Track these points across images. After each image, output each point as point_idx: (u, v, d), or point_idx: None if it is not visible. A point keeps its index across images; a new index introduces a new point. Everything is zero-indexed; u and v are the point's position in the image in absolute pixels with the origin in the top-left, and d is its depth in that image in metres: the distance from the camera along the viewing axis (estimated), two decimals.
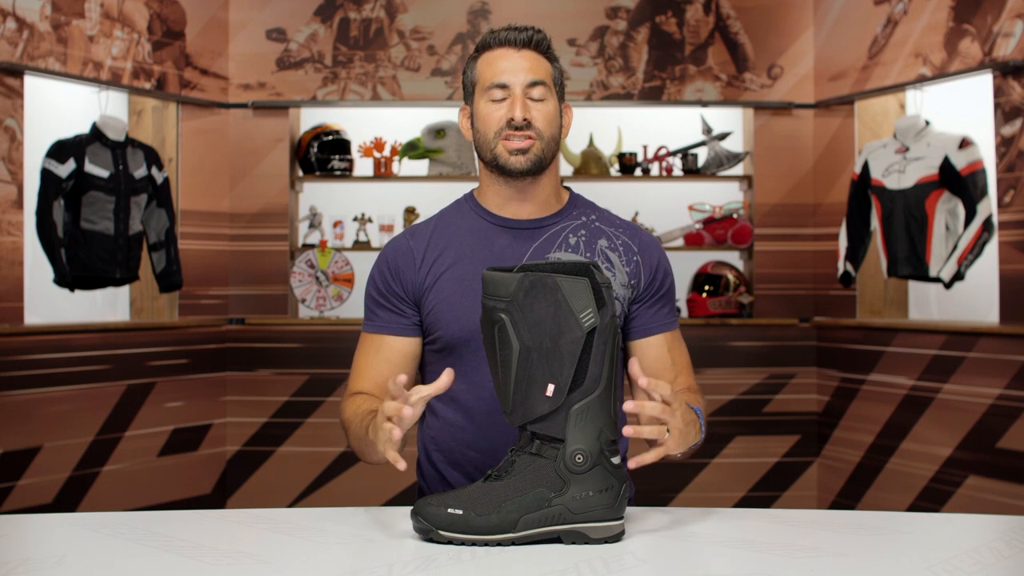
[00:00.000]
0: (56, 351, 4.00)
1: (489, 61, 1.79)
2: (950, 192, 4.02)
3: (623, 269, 1.82)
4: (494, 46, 1.79)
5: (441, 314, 1.78)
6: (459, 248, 1.81)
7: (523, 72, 1.76)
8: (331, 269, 4.63)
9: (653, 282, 1.84)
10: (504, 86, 1.76)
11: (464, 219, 1.85)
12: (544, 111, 1.77)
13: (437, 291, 1.79)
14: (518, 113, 1.74)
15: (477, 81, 1.80)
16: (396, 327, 1.82)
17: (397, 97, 4.74)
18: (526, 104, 1.75)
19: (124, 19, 4.29)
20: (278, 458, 4.59)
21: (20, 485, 3.86)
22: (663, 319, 1.85)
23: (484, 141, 1.79)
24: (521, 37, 1.77)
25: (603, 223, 1.86)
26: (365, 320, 1.86)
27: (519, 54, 1.77)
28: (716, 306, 4.63)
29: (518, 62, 1.77)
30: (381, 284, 1.83)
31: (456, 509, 1.41)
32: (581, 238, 1.82)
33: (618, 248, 1.83)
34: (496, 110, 1.77)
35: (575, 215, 1.85)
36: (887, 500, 4.22)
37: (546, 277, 1.42)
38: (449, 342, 1.78)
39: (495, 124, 1.77)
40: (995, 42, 3.87)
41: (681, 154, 4.77)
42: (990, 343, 3.84)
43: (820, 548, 1.42)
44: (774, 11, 4.78)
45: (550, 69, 1.79)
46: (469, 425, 1.80)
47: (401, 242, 1.85)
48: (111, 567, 1.34)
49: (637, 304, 1.84)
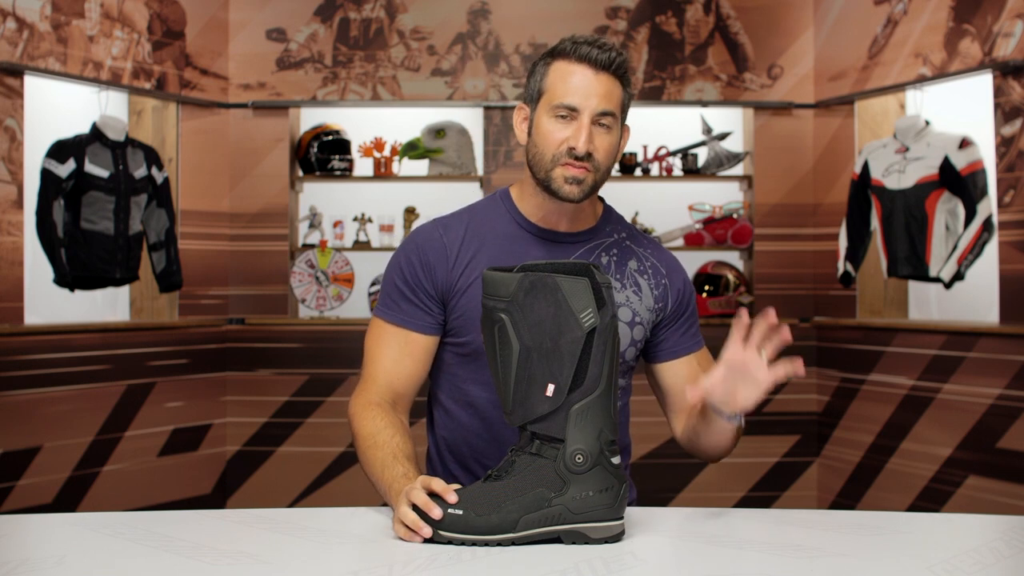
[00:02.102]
0: (56, 351, 4.00)
1: (563, 74, 1.68)
2: (950, 192, 4.02)
3: (651, 293, 1.79)
4: (573, 59, 1.68)
5: (473, 321, 1.72)
6: (493, 252, 1.75)
7: (596, 98, 1.66)
8: (331, 269, 4.63)
9: (680, 305, 1.83)
10: (574, 109, 1.66)
11: (499, 220, 1.79)
12: (607, 143, 1.69)
13: (469, 297, 1.73)
14: (582, 145, 1.66)
15: (545, 91, 1.70)
16: (422, 324, 1.75)
17: (397, 97, 4.74)
18: (591, 134, 1.67)
19: (124, 19, 4.29)
20: (278, 458, 4.59)
21: (20, 485, 3.86)
22: (690, 340, 1.84)
23: (540, 159, 1.71)
24: (603, 58, 1.66)
25: (633, 242, 1.83)
26: (384, 306, 1.77)
27: (596, 77, 1.66)
28: (716, 306, 4.63)
29: (593, 85, 1.66)
30: (410, 276, 1.75)
31: (456, 509, 1.41)
32: (613, 257, 1.79)
33: (647, 271, 1.81)
34: (560, 130, 1.68)
35: (608, 231, 1.81)
36: (887, 500, 4.22)
37: (546, 277, 1.42)
38: (477, 348, 1.74)
39: (555, 146, 1.68)
40: (995, 42, 3.87)
41: (681, 154, 4.77)
42: (990, 343, 3.84)
43: (820, 548, 1.42)
44: (774, 11, 4.78)
45: (622, 96, 1.70)
46: (484, 431, 1.78)
47: (434, 235, 1.77)
48: (111, 567, 1.34)
49: (664, 328, 1.82)
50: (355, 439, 1.69)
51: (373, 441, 1.63)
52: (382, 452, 1.61)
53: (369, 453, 1.63)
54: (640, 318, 1.78)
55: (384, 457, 1.60)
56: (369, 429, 1.66)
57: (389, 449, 1.61)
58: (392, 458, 1.59)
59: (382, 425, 1.65)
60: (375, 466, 1.61)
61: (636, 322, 1.78)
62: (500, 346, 1.43)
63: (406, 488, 1.46)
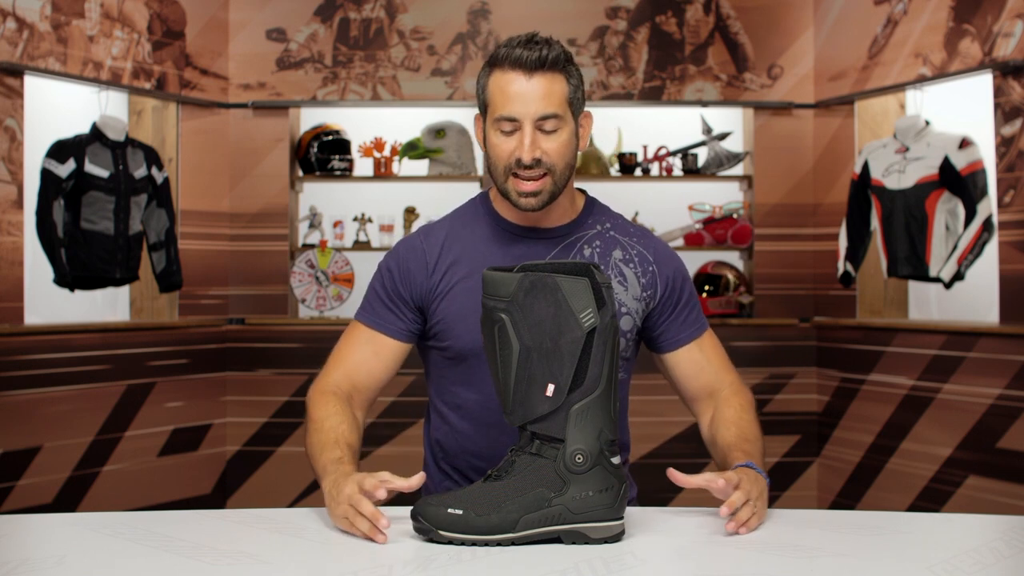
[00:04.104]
0: (56, 351, 4.00)
1: (500, 85, 1.67)
2: (950, 192, 4.02)
3: (638, 281, 1.78)
4: (506, 67, 1.66)
5: (453, 324, 1.75)
6: (473, 257, 1.76)
7: (534, 103, 1.64)
8: (331, 269, 4.63)
9: (672, 293, 1.81)
10: (514, 119, 1.66)
11: (478, 223, 1.80)
12: (556, 143, 1.67)
13: (449, 301, 1.75)
14: (526, 154, 1.65)
15: (489, 103, 1.70)
16: (393, 329, 1.79)
17: (397, 97, 4.74)
18: (536, 140, 1.66)
19: (124, 19, 4.29)
20: (278, 458, 4.59)
21: (20, 485, 3.86)
22: (690, 326, 1.82)
23: (495, 171, 1.72)
24: (533, 58, 1.64)
25: (617, 232, 1.82)
26: (362, 310, 1.82)
27: (529, 82, 1.65)
28: (716, 306, 4.63)
29: (529, 92, 1.64)
30: (389, 284, 1.79)
31: (456, 509, 1.41)
32: (596, 249, 1.79)
33: (633, 259, 1.80)
34: (505, 143, 1.68)
35: (590, 223, 1.81)
36: (887, 500, 4.22)
37: (546, 277, 1.42)
38: (460, 352, 1.76)
39: (504, 159, 1.68)
40: (995, 42, 3.87)
41: (681, 154, 4.77)
42: (990, 343, 3.84)
43: (820, 548, 1.42)
44: (774, 11, 4.78)
45: (565, 91, 1.67)
46: (475, 434, 1.79)
47: (415, 243, 1.80)
48: (111, 567, 1.34)
49: (660, 317, 1.81)
50: (306, 422, 1.74)
51: (320, 426, 1.69)
52: (324, 436, 1.66)
53: (313, 437, 1.69)
54: (627, 308, 1.78)
55: (324, 441, 1.65)
56: (320, 414, 1.71)
57: (332, 435, 1.66)
58: (333, 443, 1.64)
59: (332, 411, 1.70)
60: (315, 448, 1.67)
61: (623, 312, 1.77)
62: (500, 346, 1.43)
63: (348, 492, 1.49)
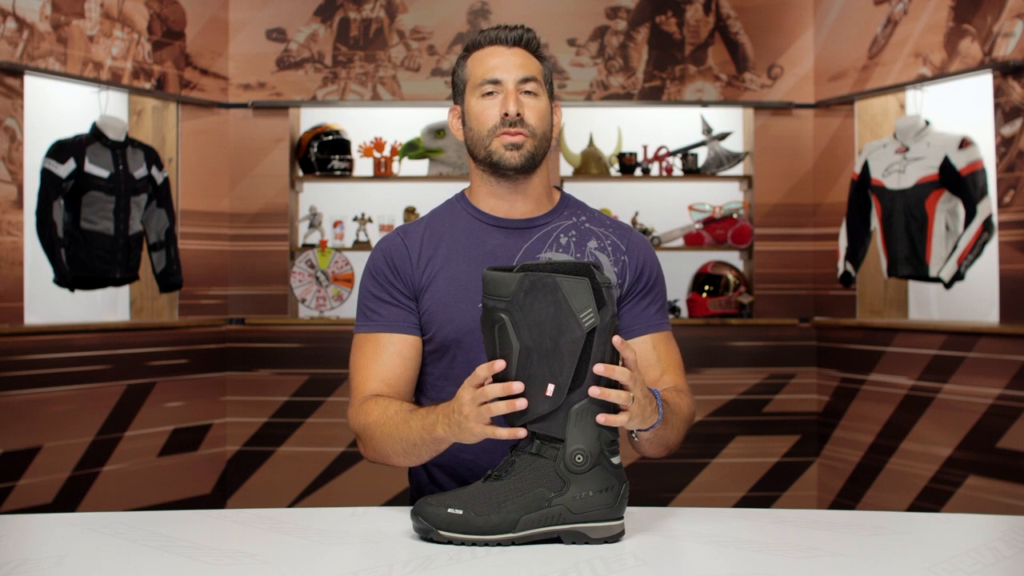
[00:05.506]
0: (56, 351, 4.00)
1: (480, 59, 1.79)
2: (950, 192, 4.02)
3: (611, 270, 1.81)
4: (484, 44, 1.80)
5: (436, 315, 1.76)
6: (452, 247, 1.79)
7: (515, 68, 1.77)
8: (331, 269, 4.63)
9: (639, 280, 1.82)
10: (497, 81, 1.76)
11: (456, 218, 1.83)
12: (537, 107, 1.77)
13: (432, 292, 1.77)
14: (512, 108, 1.74)
15: (468, 79, 1.80)
16: (404, 324, 1.77)
17: (397, 97, 4.74)
18: (519, 99, 1.76)
19: (124, 19, 4.29)
20: (278, 458, 4.59)
21: (20, 485, 3.86)
22: (648, 320, 1.80)
23: (478, 139, 1.78)
24: (512, 35, 1.79)
25: (593, 223, 1.85)
26: (362, 321, 1.79)
27: (510, 51, 1.78)
28: (716, 306, 4.63)
29: (510, 59, 1.78)
30: (383, 281, 1.79)
31: (456, 509, 1.41)
32: (572, 238, 1.81)
33: (607, 248, 1.82)
34: (490, 106, 1.76)
35: (566, 215, 1.84)
36: (887, 500, 4.22)
37: (546, 277, 1.42)
38: (443, 343, 1.76)
39: (489, 120, 1.76)
40: (995, 42, 3.87)
41: (681, 154, 4.77)
42: (990, 343, 3.84)
43: (820, 548, 1.42)
44: (774, 11, 4.78)
45: (540, 68, 1.80)
46: None
47: (396, 240, 1.83)
48: (111, 567, 1.34)
49: (623, 303, 1.81)
50: (367, 437, 1.69)
51: (384, 419, 1.65)
52: (397, 418, 1.63)
53: (386, 429, 1.64)
54: None
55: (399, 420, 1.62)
56: (375, 417, 1.67)
57: (402, 413, 1.63)
58: (408, 412, 1.62)
59: (385, 405, 1.67)
60: (397, 431, 1.62)
61: None
62: (500, 346, 1.43)
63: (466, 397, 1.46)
